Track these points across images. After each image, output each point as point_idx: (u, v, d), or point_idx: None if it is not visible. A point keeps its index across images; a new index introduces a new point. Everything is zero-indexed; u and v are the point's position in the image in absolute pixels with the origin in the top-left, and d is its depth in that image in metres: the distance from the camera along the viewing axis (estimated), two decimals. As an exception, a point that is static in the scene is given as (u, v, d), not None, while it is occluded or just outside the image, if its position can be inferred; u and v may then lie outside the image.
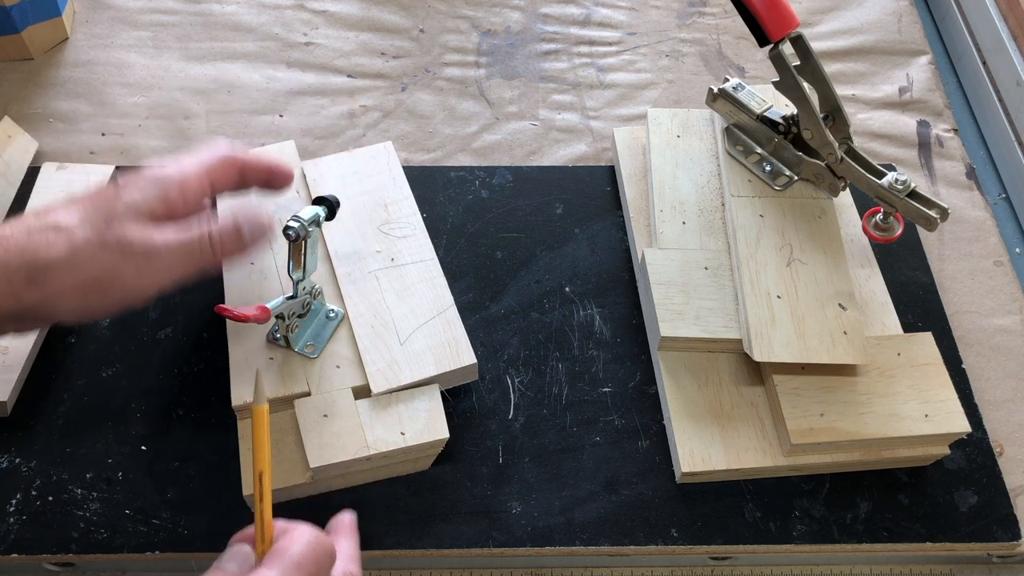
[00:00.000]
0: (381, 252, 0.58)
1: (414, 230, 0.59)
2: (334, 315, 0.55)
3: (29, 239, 0.42)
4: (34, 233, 0.42)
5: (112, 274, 0.43)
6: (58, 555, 0.50)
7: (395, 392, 0.51)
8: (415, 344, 0.53)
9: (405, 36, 0.79)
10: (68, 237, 0.42)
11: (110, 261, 0.43)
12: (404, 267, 0.57)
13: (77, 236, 0.42)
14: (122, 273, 0.43)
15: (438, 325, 0.54)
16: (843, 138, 0.58)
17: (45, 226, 0.43)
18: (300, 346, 0.53)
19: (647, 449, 0.54)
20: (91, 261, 0.42)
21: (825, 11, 0.82)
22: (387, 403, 0.51)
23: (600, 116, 0.74)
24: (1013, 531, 0.52)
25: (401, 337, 0.53)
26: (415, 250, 0.58)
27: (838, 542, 0.51)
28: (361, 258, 0.57)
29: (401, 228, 0.59)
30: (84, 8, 0.79)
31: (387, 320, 0.54)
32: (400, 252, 0.58)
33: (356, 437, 0.49)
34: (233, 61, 0.76)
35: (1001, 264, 0.65)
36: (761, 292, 0.54)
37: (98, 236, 0.43)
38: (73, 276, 0.42)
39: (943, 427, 0.51)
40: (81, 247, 0.42)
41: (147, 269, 0.44)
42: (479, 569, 0.52)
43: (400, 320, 0.54)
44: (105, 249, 0.43)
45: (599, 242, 0.64)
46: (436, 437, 0.50)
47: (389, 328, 0.54)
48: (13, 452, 0.53)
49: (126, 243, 0.43)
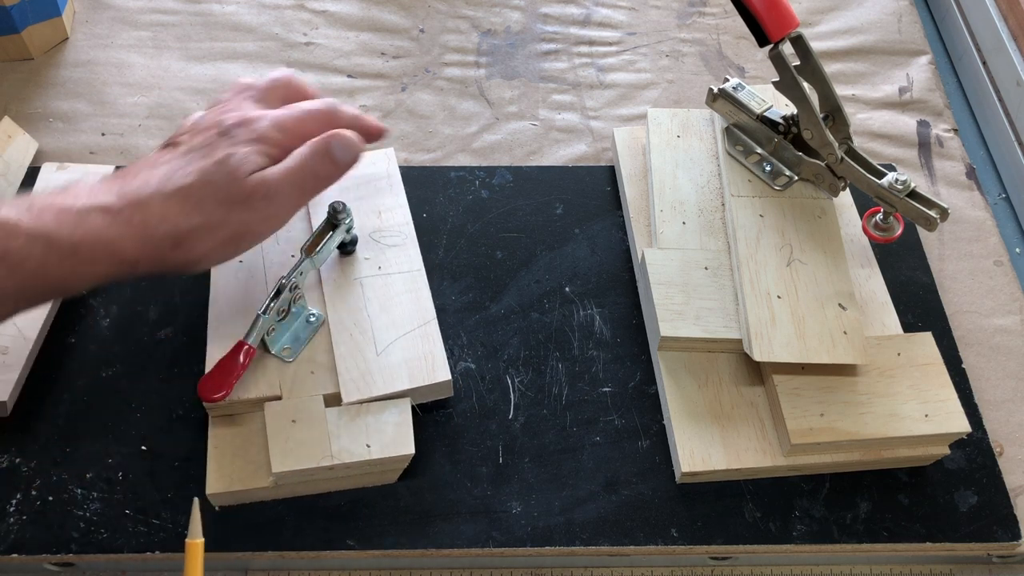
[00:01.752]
0: (369, 260, 0.57)
1: (404, 239, 0.58)
2: (315, 319, 0.54)
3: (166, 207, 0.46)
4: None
5: (245, 225, 0.48)
6: (58, 555, 0.50)
7: (366, 403, 0.51)
8: (391, 356, 0.53)
9: (405, 36, 0.79)
10: (198, 207, 0.47)
11: (240, 217, 0.48)
12: (390, 276, 0.57)
13: (207, 206, 0.47)
14: (252, 222, 0.48)
15: (416, 338, 0.54)
16: (843, 138, 0.58)
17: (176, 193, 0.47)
18: (277, 349, 0.53)
19: (647, 449, 0.54)
20: (224, 224, 0.47)
21: (825, 11, 0.82)
22: (356, 413, 0.51)
23: (600, 116, 0.74)
24: (1013, 531, 0.52)
25: (379, 348, 0.53)
26: (403, 260, 0.57)
27: (838, 542, 0.51)
28: (348, 264, 0.57)
29: (392, 237, 0.59)
30: (84, 8, 0.79)
31: (366, 329, 0.54)
32: (388, 261, 0.57)
33: (321, 445, 0.49)
34: (233, 61, 0.76)
35: (1001, 264, 0.65)
36: (761, 292, 0.54)
37: (227, 199, 0.47)
38: (212, 237, 0.47)
39: (943, 427, 0.51)
40: (212, 212, 0.47)
41: (271, 211, 0.49)
42: (479, 569, 0.52)
43: (380, 330, 0.54)
44: (233, 210, 0.47)
45: (599, 242, 0.64)
46: (401, 452, 0.50)
47: (367, 337, 0.54)
48: (13, 452, 0.53)
49: (249, 197, 0.47)
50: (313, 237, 0.55)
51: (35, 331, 0.56)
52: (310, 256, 0.54)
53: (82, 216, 0.44)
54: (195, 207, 0.46)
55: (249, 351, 0.51)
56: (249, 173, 0.47)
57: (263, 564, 0.52)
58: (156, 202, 0.46)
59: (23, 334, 0.55)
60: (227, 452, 0.50)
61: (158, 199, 0.46)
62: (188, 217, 0.46)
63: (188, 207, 0.46)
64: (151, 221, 0.45)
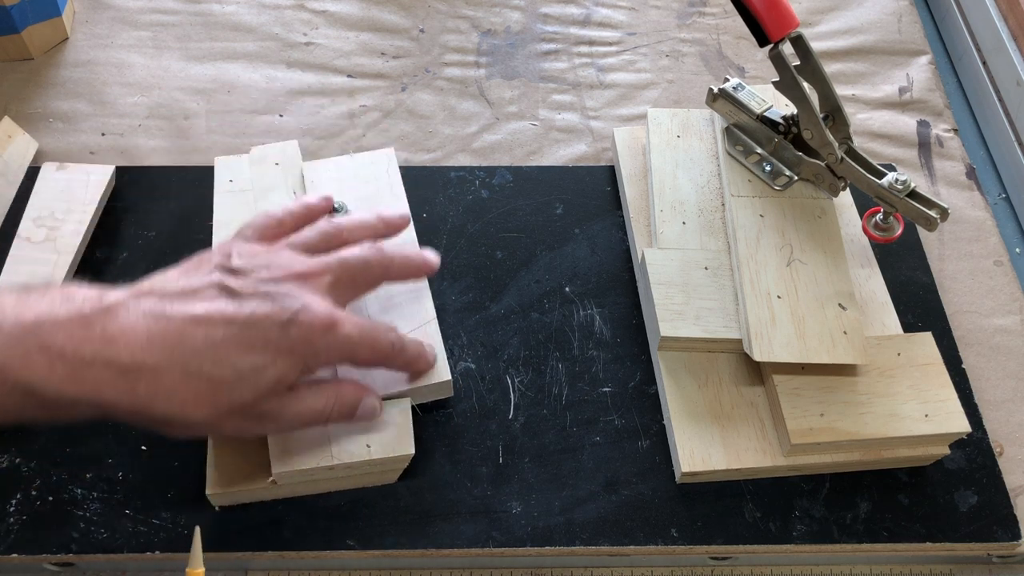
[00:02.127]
0: None
1: (404, 240, 0.58)
2: None
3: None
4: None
5: (238, 431, 0.44)
6: (58, 555, 0.50)
7: None
8: None
9: (405, 36, 0.79)
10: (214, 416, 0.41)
11: (240, 426, 0.43)
12: None
13: (221, 409, 0.41)
14: (245, 429, 0.44)
15: (417, 338, 0.54)
16: (843, 138, 0.58)
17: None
18: None
19: (647, 449, 0.54)
20: (223, 426, 0.43)
21: (825, 11, 0.82)
22: None
23: (600, 116, 0.74)
24: (1013, 531, 0.52)
25: None
26: None
27: (838, 542, 0.51)
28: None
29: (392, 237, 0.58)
30: (84, 8, 0.79)
31: None
32: None
33: (321, 446, 0.49)
34: (233, 61, 0.76)
35: (1001, 264, 0.65)
36: (761, 292, 0.54)
37: (245, 410, 0.42)
38: (203, 431, 0.44)
39: (943, 427, 0.51)
40: (221, 416, 0.42)
41: (266, 429, 0.46)
42: (479, 569, 0.52)
43: None
44: (247, 420, 0.43)
45: (599, 242, 0.64)
46: (401, 452, 0.50)
47: None
48: (13, 452, 0.52)
49: (261, 416, 0.43)
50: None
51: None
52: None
53: (79, 371, 0.38)
54: (207, 404, 0.40)
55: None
56: (278, 390, 0.43)
57: (263, 564, 0.52)
58: (172, 378, 0.39)
59: (23, 334, 0.55)
60: (227, 452, 0.50)
61: (176, 375, 0.39)
62: (195, 411, 0.40)
63: (200, 402, 0.40)
64: (155, 399, 0.39)
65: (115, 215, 0.63)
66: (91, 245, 0.62)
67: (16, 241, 0.60)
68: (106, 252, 0.61)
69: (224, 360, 0.40)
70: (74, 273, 0.60)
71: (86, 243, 0.61)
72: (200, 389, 0.40)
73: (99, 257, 0.61)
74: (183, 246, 0.62)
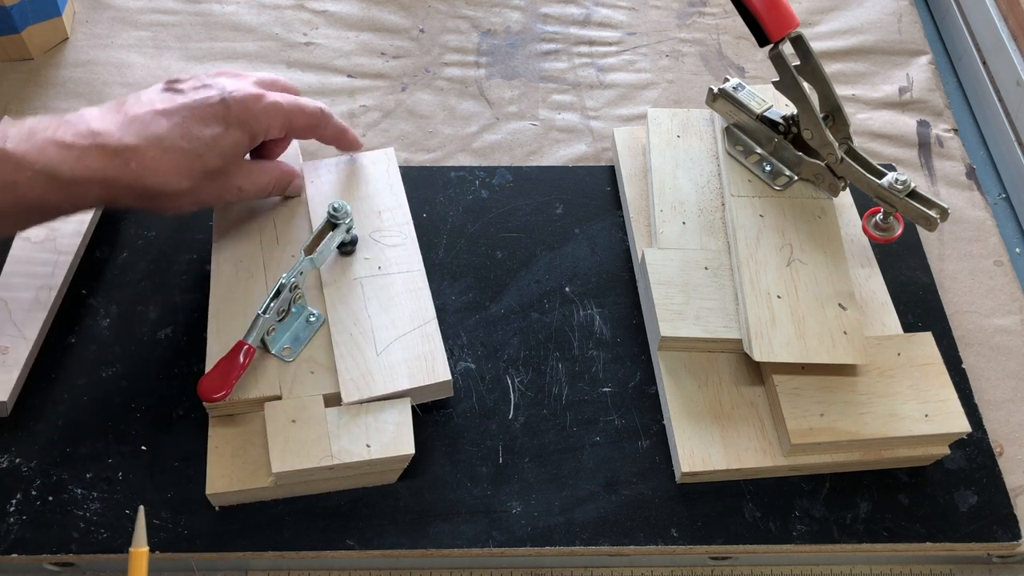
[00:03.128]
0: (369, 259, 0.57)
1: (405, 239, 0.58)
2: (315, 319, 0.54)
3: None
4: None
5: (217, 197, 0.54)
6: (58, 555, 0.50)
7: (366, 403, 0.51)
8: (391, 356, 0.53)
9: (405, 36, 0.79)
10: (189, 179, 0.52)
11: (215, 189, 0.53)
12: (390, 276, 0.57)
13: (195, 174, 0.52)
14: (225, 192, 0.54)
15: (416, 338, 0.54)
16: (843, 138, 0.58)
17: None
18: (277, 349, 0.53)
19: (647, 449, 0.54)
20: (203, 191, 0.52)
21: (825, 11, 0.82)
22: (356, 413, 0.51)
23: (600, 116, 0.74)
24: (1013, 531, 0.52)
25: (378, 348, 0.53)
26: (403, 260, 0.57)
27: (838, 542, 0.51)
28: (348, 264, 0.57)
29: (392, 237, 0.59)
30: (84, 8, 0.79)
31: (367, 329, 0.54)
32: (388, 261, 0.57)
33: (321, 445, 0.49)
34: (233, 61, 0.76)
35: (1001, 264, 0.65)
36: (761, 292, 0.54)
37: (212, 171, 0.52)
38: (188, 201, 0.52)
39: (943, 427, 0.51)
40: (198, 180, 0.52)
41: (242, 192, 0.55)
42: (479, 569, 0.53)
43: (380, 330, 0.54)
44: (216, 180, 0.53)
45: (599, 242, 0.64)
46: (401, 452, 0.50)
47: (367, 337, 0.53)
48: (13, 452, 0.53)
49: (226, 173, 0.53)
50: (313, 237, 0.55)
51: (35, 331, 0.56)
52: (310, 256, 0.54)
53: (83, 154, 0.48)
54: (186, 173, 0.50)
55: (249, 351, 0.51)
56: (238, 154, 0.53)
57: (263, 564, 0.52)
58: (154, 154, 0.49)
59: (23, 334, 0.55)
60: (227, 452, 0.50)
61: (156, 151, 0.49)
62: (178, 180, 0.50)
63: (181, 171, 0.50)
64: (145, 172, 0.49)
65: (115, 215, 0.63)
66: (91, 245, 0.62)
67: (16, 241, 0.60)
68: (106, 252, 0.61)
69: (189, 134, 0.50)
70: (74, 273, 0.60)
71: (86, 243, 0.61)
72: (178, 160, 0.50)
73: (99, 257, 0.61)
74: (183, 246, 0.62)
